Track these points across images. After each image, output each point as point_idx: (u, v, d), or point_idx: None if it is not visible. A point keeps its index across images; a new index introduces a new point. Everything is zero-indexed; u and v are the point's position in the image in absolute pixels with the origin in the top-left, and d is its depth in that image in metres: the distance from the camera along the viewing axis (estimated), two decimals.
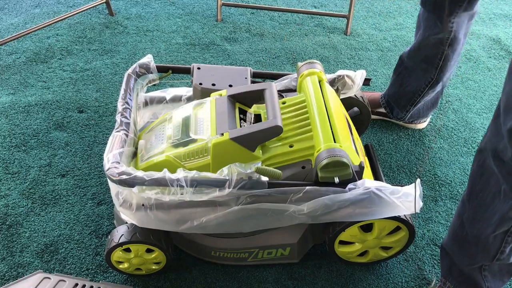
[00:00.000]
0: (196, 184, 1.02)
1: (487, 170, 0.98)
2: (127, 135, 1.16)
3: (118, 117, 1.18)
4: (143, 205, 1.07)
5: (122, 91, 1.26)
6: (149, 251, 1.19)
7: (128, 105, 1.22)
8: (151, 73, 1.35)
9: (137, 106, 1.29)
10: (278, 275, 1.30)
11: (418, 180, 1.08)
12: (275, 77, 1.42)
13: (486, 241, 1.03)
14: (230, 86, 1.28)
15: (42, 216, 1.43)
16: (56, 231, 1.40)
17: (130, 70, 1.32)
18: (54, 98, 1.85)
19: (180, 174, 1.02)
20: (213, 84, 1.29)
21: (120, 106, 1.21)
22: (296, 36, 2.28)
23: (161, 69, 1.38)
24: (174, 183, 1.01)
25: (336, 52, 2.16)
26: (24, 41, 2.15)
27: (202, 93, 1.28)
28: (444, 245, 1.19)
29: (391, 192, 1.06)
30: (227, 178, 1.03)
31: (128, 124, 1.18)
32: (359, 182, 1.06)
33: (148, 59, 1.35)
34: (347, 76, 1.35)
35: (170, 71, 1.40)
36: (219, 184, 1.02)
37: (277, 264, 1.31)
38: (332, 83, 1.36)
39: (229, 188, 1.02)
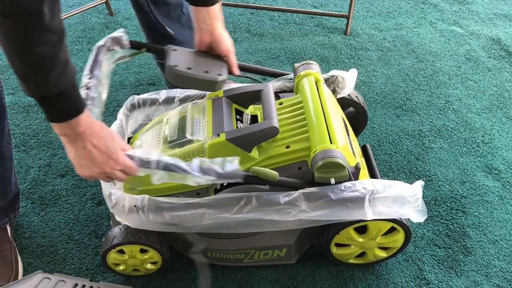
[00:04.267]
0: (164, 166, 0.98)
1: None
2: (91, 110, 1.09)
3: (83, 91, 1.10)
4: (135, 206, 1.07)
5: (89, 64, 1.16)
6: (143, 251, 1.19)
7: (96, 79, 1.13)
8: (123, 48, 1.25)
9: (105, 81, 1.21)
10: (278, 275, 1.30)
11: (420, 182, 1.09)
12: (262, 72, 1.39)
13: None
14: (206, 72, 1.19)
15: (42, 216, 1.44)
16: (55, 231, 1.40)
17: (100, 43, 1.21)
18: None
19: (153, 156, 0.99)
20: (189, 68, 1.18)
21: (86, 79, 1.12)
22: (296, 36, 2.28)
23: (134, 46, 1.27)
24: (144, 164, 0.99)
25: (336, 52, 2.16)
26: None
27: (176, 76, 1.18)
28: None
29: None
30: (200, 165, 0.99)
31: (93, 98, 1.09)
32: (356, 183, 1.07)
33: (121, 33, 1.24)
34: (340, 76, 1.35)
35: (144, 49, 1.28)
36: (189, 169, 0.99)
37: (277, 264, 1.31)
38: (325, 83, 1.36)
39: (198, 174, 0.99)
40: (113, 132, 0.98)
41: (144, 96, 1.37)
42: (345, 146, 1.09)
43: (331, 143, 1.07)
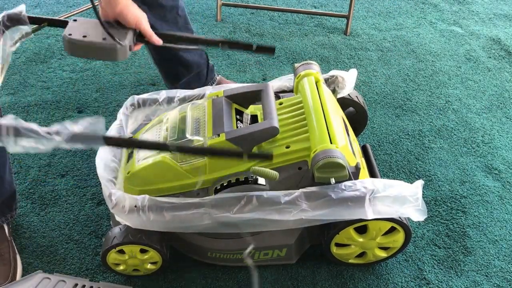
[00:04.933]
0: (19, 133, 0.87)
1: None
2: None
3: None
4: (135, 206, 1.07)
5: None
6: (143, 251, 1.19)
7: None
8: (23, 25, 1.11)
9: (4, 63, 1.08)
10: (278, 276, 1.30)
11: (420, 182, 1.09)
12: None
13: None
14: (104, 39, 1.05)
15: (42, 216, 1.44)
16: (55, 231, 1.40)
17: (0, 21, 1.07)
18: (53, 98, 1.85)
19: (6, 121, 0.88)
20: (84, 36, 1.05)
21: None
22: (296, 36, 2.28)
23: (34, 21, 1.13)
24: None
25: (336, 52, 2.16)
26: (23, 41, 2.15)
27: (69, 45, 1.05)
28: None
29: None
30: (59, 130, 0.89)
31: None
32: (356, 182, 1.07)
33: (20, 8, 1.10)
34: (340, 76, 1.35)
35: (45, 23, 1.15)
36: (45, 134, 0.88)
37: (277, 264, 1.31)
38: (325, 83, 1.36)
39: (57, 138, 0.88)
40: None
41: (144, 96, 1.37)
42: (345, 146, 1.09)
43: (331, 143, 1.07)
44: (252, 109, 1.25)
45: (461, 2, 2.56)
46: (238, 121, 1.17)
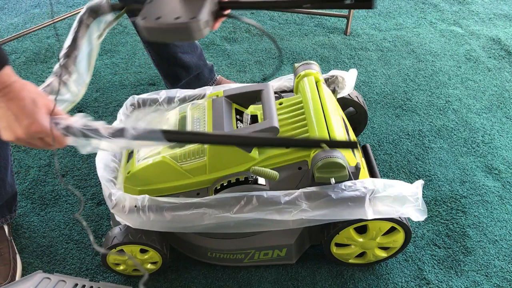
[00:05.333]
0: (82, 133, 0.84)
1: None
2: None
3: (51, 79, 0.94)
4: (135, 206, 1.07)
5: (66, 45, 1.00)
6: (143, 251, 1.20)
7: (71, 65, 0.98)
8: (105, 14, 1.05)
9: (92, 56, 1.06)
10: (278, 276, 1.30)
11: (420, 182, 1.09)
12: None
13: None
14: (177, 18, 0.89)
15: (42, 216, 1.44)
16: (55, 231, 1.40)
17: (83, 14, 1.03)
18: None
19: (71, 121, 0.85)
20: (158, 18, 0.90)
21: (61, 64, 0.96)
22: (296, 36, 2.28)
23: (116, 8, 1.07)
24: (60, 129, 0.84)
25: (336, 52, 2.16)
26: (24, 41, 2.16)
27: (146, 30, 0.90)
28: None
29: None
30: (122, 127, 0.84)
31: (59, 91, 0.93)
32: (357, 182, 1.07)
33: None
34: (340, 76, 1.35)
35: (125, 9, 1.05)
36: (108, 136, 0.84)
37: (277, 264, 1.31)
38: (325, 83, 1.36)
39: (120, 137, 0.84)
40: (40, 94, 0.84)
41: (144, 96, 1.37)
42: None
43: None
44: (252, 109, 1.25)
45: (461, 2, 2.56)
46: (238, 121, 1.17)
